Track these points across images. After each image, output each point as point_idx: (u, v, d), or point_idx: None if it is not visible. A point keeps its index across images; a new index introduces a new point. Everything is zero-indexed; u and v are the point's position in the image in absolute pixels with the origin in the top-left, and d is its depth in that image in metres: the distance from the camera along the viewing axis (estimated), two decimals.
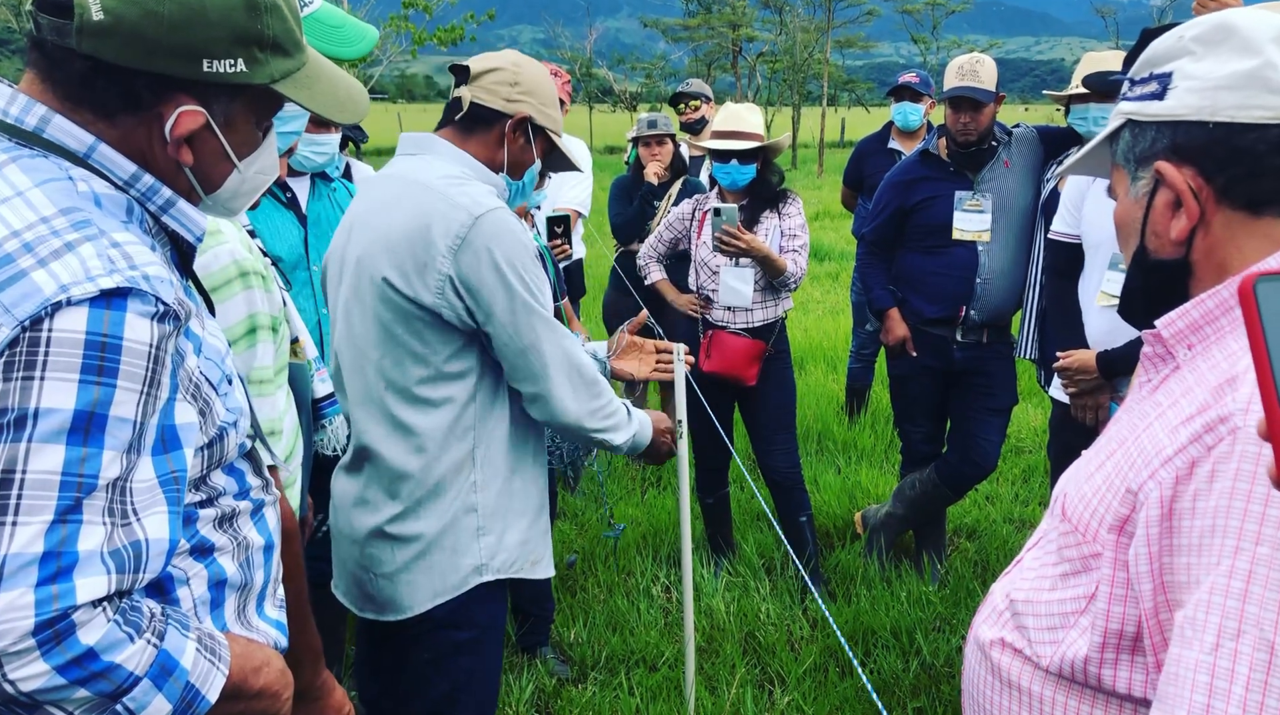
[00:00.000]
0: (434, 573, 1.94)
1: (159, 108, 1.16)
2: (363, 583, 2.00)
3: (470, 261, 1.83)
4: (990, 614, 1.18)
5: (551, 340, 1.90)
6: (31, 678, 0.97)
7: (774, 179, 3.88)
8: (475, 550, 1.96)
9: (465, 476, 1.94)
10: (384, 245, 1.88)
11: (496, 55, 2.05)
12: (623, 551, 4.22)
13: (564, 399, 1.93)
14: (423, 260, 1.84)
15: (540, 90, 2.05)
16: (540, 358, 1.89)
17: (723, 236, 3.69)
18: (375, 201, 1.97)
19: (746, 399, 4.01)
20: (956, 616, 3.66)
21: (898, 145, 5.54)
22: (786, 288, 3.88)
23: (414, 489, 1.93)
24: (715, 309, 3.93)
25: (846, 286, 9.22)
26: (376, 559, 1.96)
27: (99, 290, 1.02)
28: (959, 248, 3.74)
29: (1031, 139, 3.78)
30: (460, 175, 1.95)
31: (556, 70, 4.70)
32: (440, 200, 1.87)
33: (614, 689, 3.25)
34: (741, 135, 3.77)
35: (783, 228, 3.84)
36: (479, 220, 1.84)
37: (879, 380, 6.09)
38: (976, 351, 3.82)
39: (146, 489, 1.08)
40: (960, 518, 4.56)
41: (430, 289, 1.84)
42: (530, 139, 2.05)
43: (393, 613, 1.97)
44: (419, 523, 1.93)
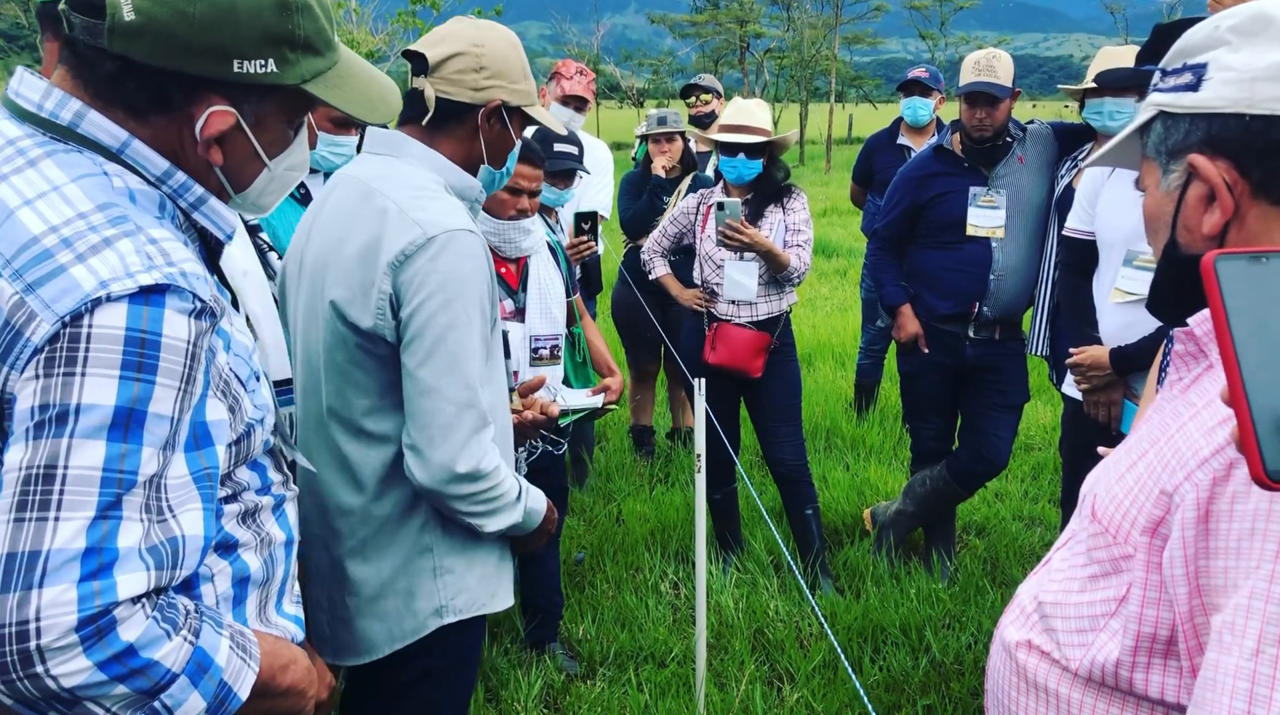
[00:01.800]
0: (389, 619, 1.82)
1: (189, 108, 1.16)
2: (320, 624, 1.88)
3: (407, 279, 1.66)
4: (1017, 615, 1.16)
5: (450, 397, 1.68)
6: (73, 673, 0.97)
7: (779, 174, 3.87)
8: (434, 592, 1.82)
9: (415, 516, 1.80)
10: (335, 259, 1.74)
11: (451, 34, 1.82)
12: (631, 547, 4.20)
13: (429, 466, 1.69)
14: (369, 279, 1.68)
15: (508, 67, 1.84)
16: (430, 409, 1.67)
17: (726, 230, 3.69)
18: (334, 207, 1.82)
19: (752, 392, 4.00)
20: (966, 614, 3.64)
21: (907, 141, 5.52)
22: (790, 282, 3.87)
23: (357, 527, 1.79)
24: (720, 303, 3.92)
25: (854, 283, 9.19)
26: (333, 601, 1.85)
27: (138, 286, 1.02)
28: (972, 244, 3.72)
29: (1046, 135, 3.75)
30: (428, 186, 1.78)
31: (582, 69, 4.68)
32: (396, 213, 1.70)
33: (623, 685, 3.24)
34: (749, 129, 3.76)
35: (787, 222, 3.83)
36: (431, 241, 1.67)
37: (888, 376, 6.08)
38: (988, 348, 3.80)
39: (181, 485, 1.08)
40: (970, 515, 4.54)
41: (371, 312, 1.69)
42: (506, 122, 1.87)
43: (351, 656, 1.85)
44: (368, 566, 1.81)
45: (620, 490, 4.87)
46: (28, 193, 1.07)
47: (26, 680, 0.96)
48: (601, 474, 5.06)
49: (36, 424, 0.99)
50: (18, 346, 1.01)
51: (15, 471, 0.98)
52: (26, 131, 1.13)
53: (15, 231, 1.04)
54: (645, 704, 3.12)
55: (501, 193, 2.93)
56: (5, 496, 0.98)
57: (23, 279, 1.02)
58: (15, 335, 1.01)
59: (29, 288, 1.01)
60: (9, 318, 1.01)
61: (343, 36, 14.69)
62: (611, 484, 4.95)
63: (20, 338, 1.00)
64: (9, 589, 0.95)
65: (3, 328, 1.01)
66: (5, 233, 1.04)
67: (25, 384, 1.00)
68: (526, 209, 2.97)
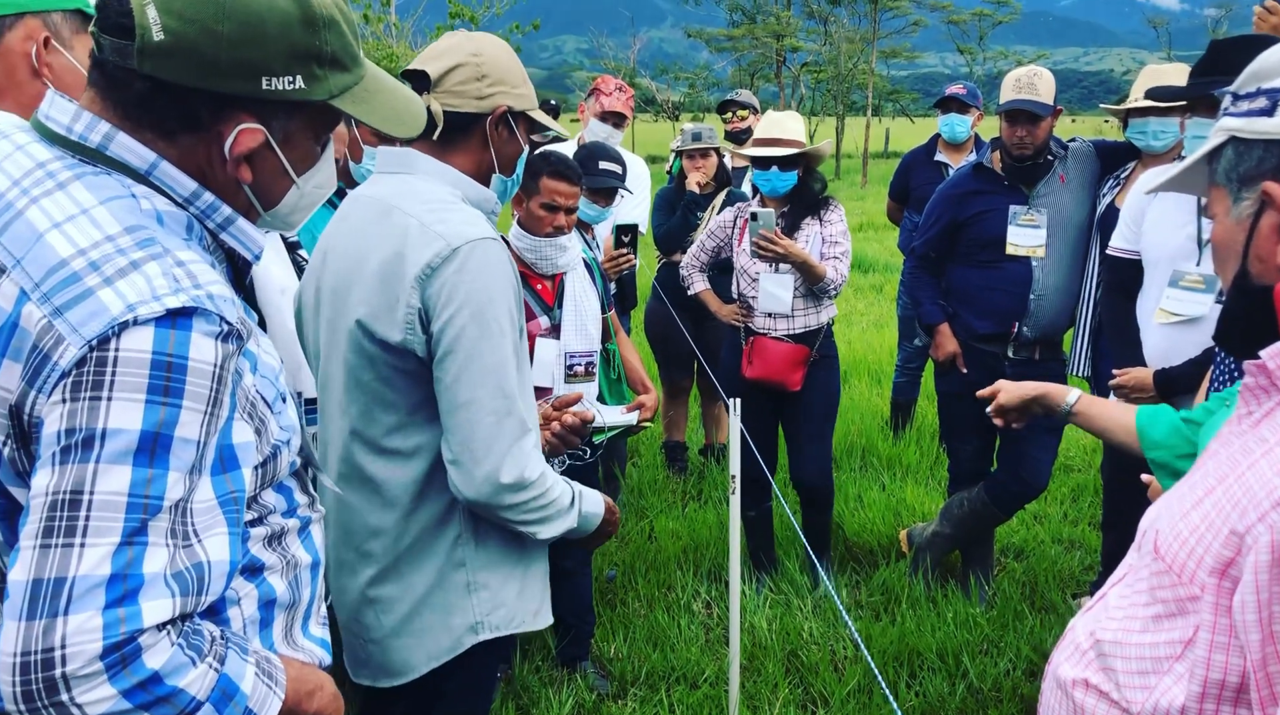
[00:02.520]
0: (426, 635, 1.80)
1: (218, 126, 1.16)
2: (354, 647, 1.88)
3: (435, 292, 1.66)
4: (1072, 652, 1.13)
5: (489, 409, 1.66)
6: (98, 701, 0.97)
7: (816, 186, 3.84)
8: (468, 608, 1.81)
9: (448, 531, 1.79)
10: (358, 277, 1.73)
11: (448, 48, 1.83)
12: (663, 565, 4.17)
13: (474, 480, 1.68)
14: (395, 294, 1.68)
15: (508, 73, 1.85)
16: (468, 423, 1.66)
17: (760, 241, 3.65)
18: (352, 228, 1.82)
19: (788, 405, 3.97)
20: (1004, 639, 3.57)
21: (944, 158, 5.46)
22: (827, 294, 3.83)
23: (389, 547, 1.78)
24: (756, 316, 3.89)
25: (891, 299, 9.12)
26: (364, 624, 1.83)
27: (165, 310, 1.02)
28: (1012, 263, 3.66)
29: (1088, 153, 3.70)
30: (445, 199, 1.78)
31: (621, 85, 4.67)
32: (417, 227, 1.70)
33: (654, 705, 3.21)
34: (782, 142, 3.73)
35: (824, 234, 3.80)
36: (456, 252, 1.67)
37: (924, 395, 6.01)
38: (1028, 368, 3.74)
39: (207, 510, 1.07)
40: (1008, 537, 4.47)
41: (399, 326, 1.68)
42: (513, 128, 1.88)
43: (386, 678, 1.84)
44: (401, 583, 1.79)
45: (652, 507, 4.84)
46: (57, 216, 1.07)
47: (51, 708, 0.95)
48: (634, 490, 5.03)
49: (63, 448, 0.98)
50: (45, 370, 1.01)
51: (42, 497, 0.98)
52: (56, 154, 1.13)
53: (44, 254, 1.04)
54: None
55: (538, 209, 2.93)
56: (32, 522, 0.98)
57: (51, 303, 1.02)
58: (43, 359, 1.01)
59: (57, 311, 1.01)
60: (37, 341, 1.01)
61: (382, 51, 14.84)
62: (644, 500, 4.92)
63: (48, 361, 1.00)
64: (35, 616, 0.95)
65: (31, 351, 1.02)
66: (35, 256, 1.04)
67: (52, 408, 1.00)
68: (563, 226, 2.97)
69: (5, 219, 1.07)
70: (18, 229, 1.06)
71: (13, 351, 1.03)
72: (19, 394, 1.02)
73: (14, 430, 1.05)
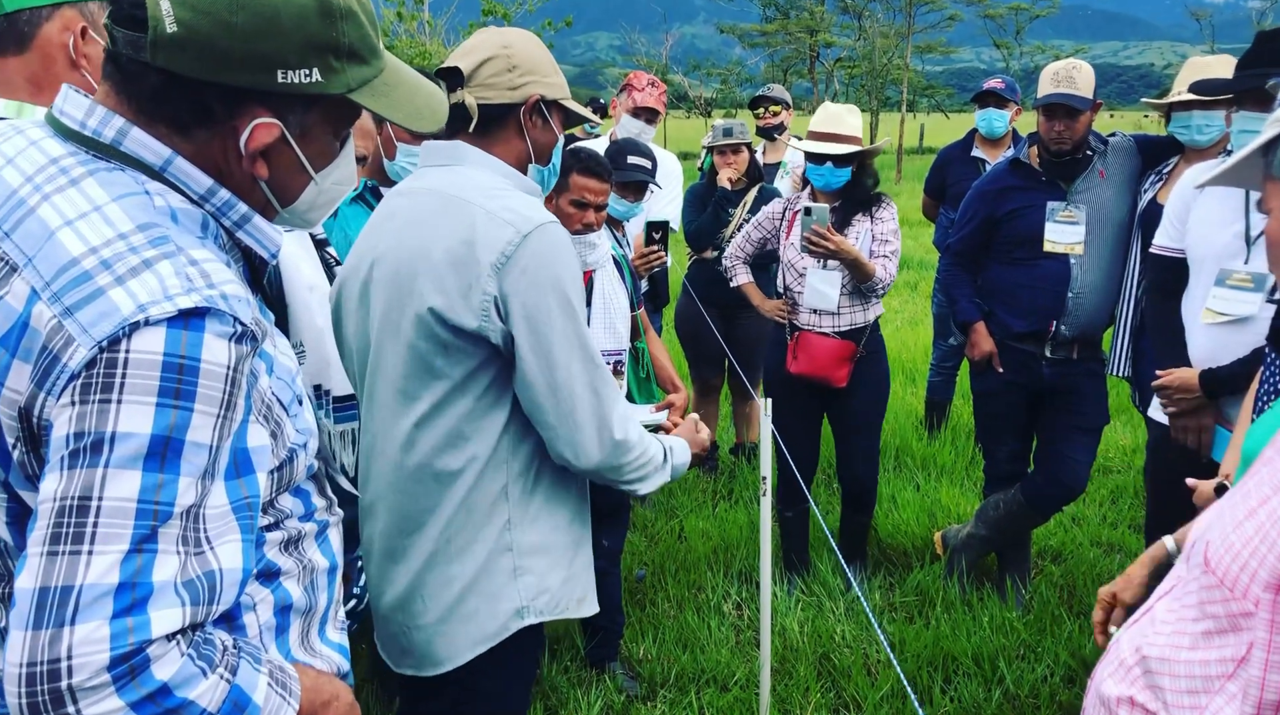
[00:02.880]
0: (472, 621, 1.81)
1: (233, 121, 1.13)
2: (397, 636, 1.87)
3: (515, 281, 1.68)
4: (1117, 667, 1.08)
5: (586, 379, 1.73)
6: (105, 714, 0.94)
7: (869, 182, 3.78)
8: (514, 592, 1.82)
9: (499, 515, 1.80)
10: (424, 267, 1.73)
11: (477, 44, 1.86)
12: (693, 566, 4.13)
13: (589, 447, 1.75)
14: (467, 281, 1.69)
15: (539, 63, 1.87)
16: (570, 397, 1.72)
17: (811, 237, 3.59)
18: (408, 220, 1.82)
19: (835, 403, 3.92)
20: (1041, 644, 3.50)
21: (981, 153, 5.38)
22: (874, 293, 3.77)
23: (444, 531, 1.80)
24: (801, 312, 3.83)
25: (926, 296, 9.02)
26: (411, 611, 1.84)
27: (177, 310, 0.99)
28: (1050, 260, 3.59)
29: (1129, 148, 3.61)
30: (503, 187, 1.81)
31: (653, 80, 4.64)
32: (484, 215, 1.72)
33: (684, 708, 3.18)
34: (839, 138, 3.67)
35: (874, 232, 3.74)
36: (527, 238, 1.69)
37: (960, 394, 5.92)
38: (1066, 368, 3.66)
39: (219, 516, 1.04)
40: (1045, 540, 4.39)
41: (475, 312, 1.69)
42: (547, 117, 1.89)
43: (431, 667, 1.84)
44: (452, 567, 1.80)
45: (683, 506, 4.81)
46: (69, 213, 1.04)
47: None
48: (664, 490, 4.99)
49: (71, 453, 0.96)
50: (55, 371, 0.98)
51: (49, 502, 0.95)
52: (70, 150, 1.11)
53: (55, 253, 1.02)
54: None
55: (567, 206, 2.90)
56: (39, 528, 0.95)
57: (61, 302, 0.99)
58: (53, 360, 0.98)
59: (67, 311, 0.99)
60: (47, 342, 0.99)
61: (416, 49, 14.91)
62: (674, 500, 4.88)
63: (58, 363, 0.98)
64: (41, 625, 0.92)
65: (41, 352, 0.99)
66: (46, 254, 1.02)
67: (61, 411, 0.97)
68: (593, 223, 2.94)
69: (17, 216, 1.05)
70: (29, 226, 1.04)
71: (23, 352, 1.00)
72: (28, 396, 1.00)
73: (24, 433, 1.02)
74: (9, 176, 1.09)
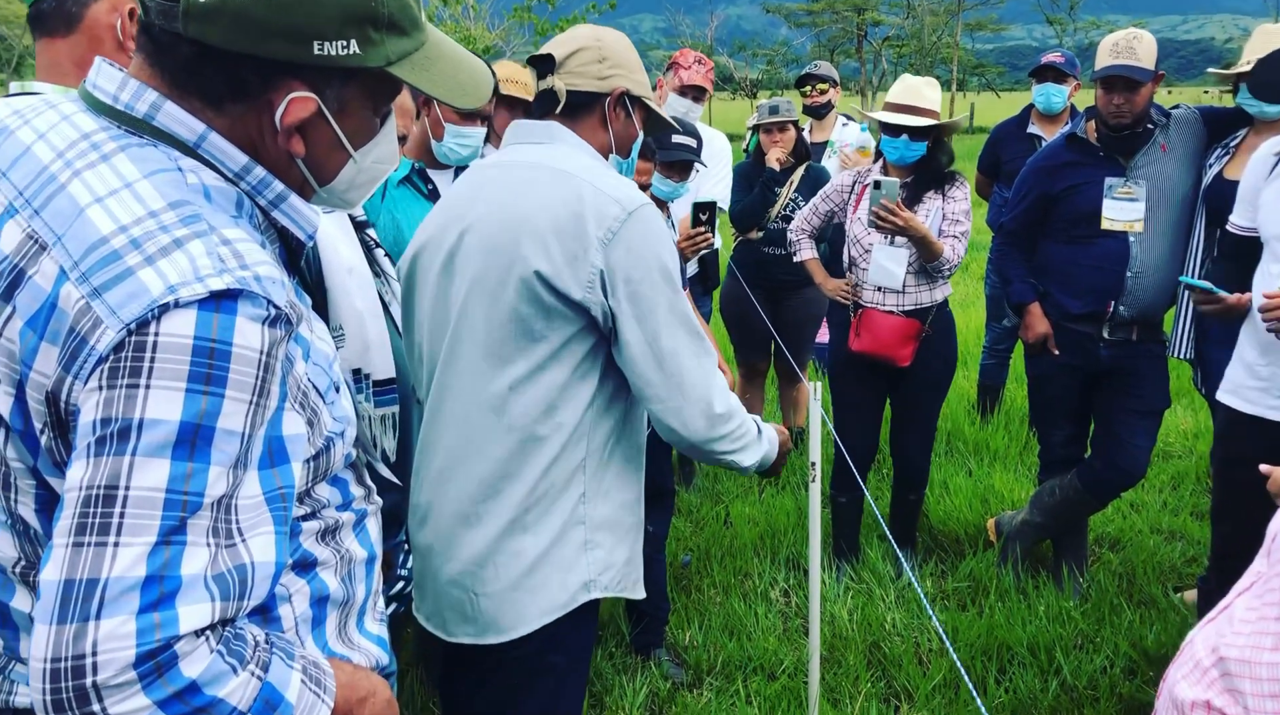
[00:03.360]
0: (543, 591, 1.82)
1: (268, 95, 1.09)
2: (461, 603, 1.86)
3: (621, 257, 1.72)
4: (1192, 669, 1.01)
5: (691, 351, 1.79)
6: (132, 712, 0.91)
7: (944, 159, 3.68)
8: (584, 565, 1.84)
9: (575, 487, 1.83)
10: (528, 232, 1.75)
11: (572, 35, 1.95)
12: (739, 552, 4.08)
13: (695, 417, 1.80)
14: (573, 251, 1.72)
15: (628, 59, 1.95)
16: (677, 369, 1.77)
17: (879, 211, 3.50)
18: (504, 189, 1.84)
19: (899, 383, 3.84)
20: (1100, 634, 3.41)
21: (1038, 130, 5.23)
22: (940, 274, 3.68)
23: (525, 499, 1.80)
24: (865, 290, 3.75)
25: (978, 278, 8.86)
26: (480, 577, 1.83)
27: (208, 292, 0.95)
28: (1108, 238, 3.47)
29: (1193, 121, 3.47)
30: (600, 167, 1.86)
31: (700, 58, 4.56)
32: (591, 190, 1.76)
33: (731, 696, 3.13)
34: (917, 110, 3.57)
35: (946, 210, 3.64)
36: (632, 215, 1.74)
37: (1013, 378, 5.80)
38: (1125, 350, 3.55)
39: (252, 506, 1.00)
40: (1102, 526, 4.27)
41: (580, 283, 1.72)
42: (630, 112, 1.96)
43: (494, 634, 1.83)
44: (528, 536, 1.81)
45: (728, 492, 4.75)
46: (99, 190, 1.01)
47: None
48: (709, 475, 4.94)
49: (98, 439, 0.93)
50: (82, 354, 0.95)
51: (76, 491, 0.92)
52: (102, 124, 1.08)
53: (85, 231, 0.99)
54: None
55: None
56: (65, 518, 0.92)
57: (89, 283, 0.96)
58: (80, 342, 0.95)
59: (95, 292, 0.95)
60: (74, 324, 0.95)
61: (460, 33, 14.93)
62: (719, 485, 4.83)
63: (85, 345, 0.95)
64: (66, 620, 0.89)
65: (68, 334, 0.96)
66: (75, 233, 0.99)
67: (89, 396, 0.94)
68: None
69: (48, 193, 1.02)
70: (59, 204, 1.01)
71: (50, 334, 0.97)
72: (56, 379, 0.97)
73: (51, 418, 0.99)
74: (40, 152, 1.06)
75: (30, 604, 1.07)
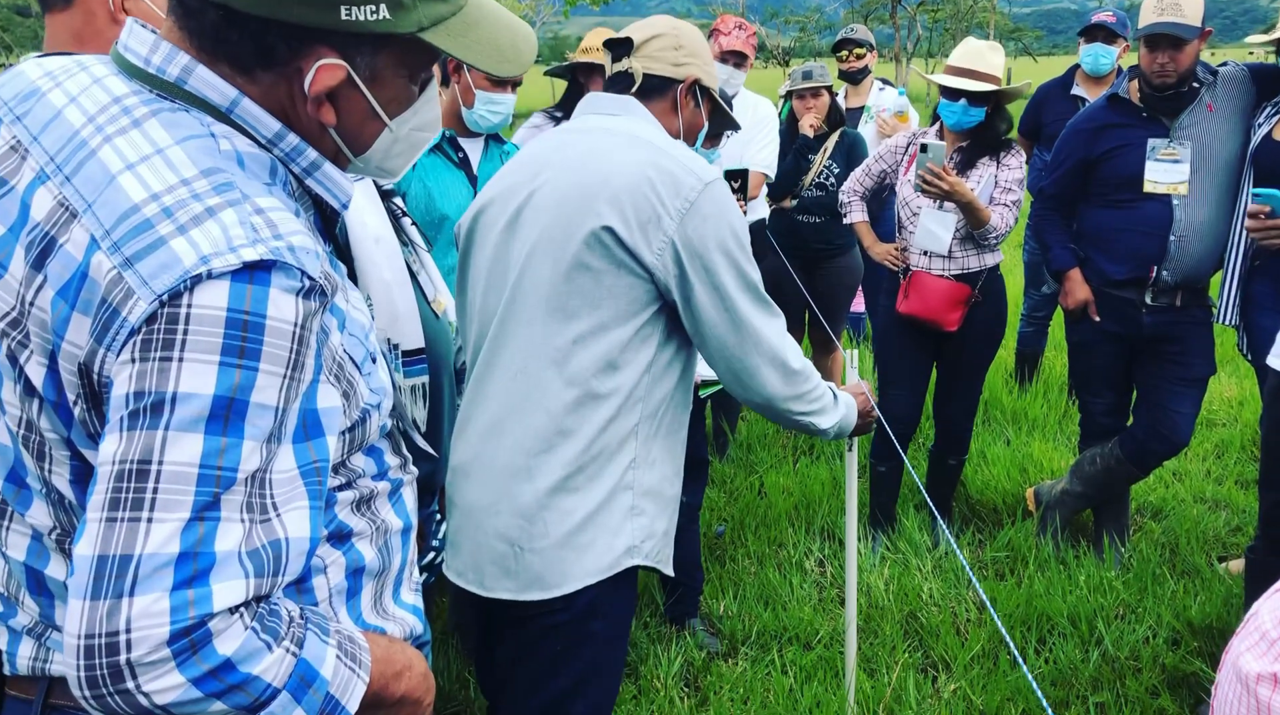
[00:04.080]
0: (589, 551, 1.81)
1: (297, 61, 1.05)
2: (504, 557, 1.84)
3: (697, 229, 1.76)
4: (1257, 640, 0.97)
5: (762, 318, 1.84)
6: (166, 690, 0.90)
7: (1002, 126, 3.63)
8: (629, 530, 1.84)
9: (627, 452, 1.84)
10: (604, 192, 1.77)
11: (651, 23, 2.01)
12: (774, 522, 4.06)
13: (771, 376, 1.87)
14: (647, 215, 1.75)
15: (703, 50, 2.01)
16: (753, 332, 1.83)
17: (926, 174, 3.46)
18: (582, 150, 1.87)
19: (947, 348, 3.80)
20: (1142, 605, 3.36)
21: (1082, 91, 5.10)
22: (986, 241, 3.62)
23: (580, 456, 1.80)
24: (912, 253, 3.71)
25: (1017, 244, 8.70)
26: (528, 532, 1.81)
27: (241, 263, 0.93)
28: (1151, 202, 3.39)
29: (1241, 78, 3.37)
30: (671, 141, 1.90)
31: (741, 23, 4.48)
32: (666, 158, 1.80)
33: (766, 666, 3.12)
34: (977, 75, 3.51)
35: (998, 178, 3.58)
36: (708, 187, 1.78)
37: (1053, 345, 5.71)
38: (1169, 316, 3.47)
39: (287, 481, 0.99)
40: (1144, 495, 4.21)
41: (652, 248, 1.76)
42: (699, 101, 2.02)
43: (538, 590, 1.81)
44: (579, 495, 1.80)
45: (762, 462, 4.73)
46: (131, 156, 0.99)
47: (117, 696, 0.89)
48: (742, 445, 4.92)
49: (131, 413, 0.91)
50: (115, 326, 0.93)
51: (109, 465, 0.91)
52: (133, 88, 1.05)
53: (116, 199, 0.97)
54: (790, 688, 2.99)
55: None
56: (98, 492, 0.91)
57: (121, 252, 0.94)
58: (112, 313, 0.93)
59: (127, 262, 0.93)
60: (106, 294, 0.94)
61: None
62: (753, 455, 4.81)
63: (117, 317, 0.93)
64: (100, 595, 0.88)
65: (100, 305, 0.94)
66: (106, 200, 0.97)
67: (121, 368, 0.92)
68: None
69: (79, 159, 1.00)
70: (90, 170, 0.99)
71: (82, 304, 0.95)
72: (88, 351, 0.95)
73: (84, 390, 0.98)
74: (71, 116, 1.04)
75: (65, 572, 1.07)
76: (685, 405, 1.96)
